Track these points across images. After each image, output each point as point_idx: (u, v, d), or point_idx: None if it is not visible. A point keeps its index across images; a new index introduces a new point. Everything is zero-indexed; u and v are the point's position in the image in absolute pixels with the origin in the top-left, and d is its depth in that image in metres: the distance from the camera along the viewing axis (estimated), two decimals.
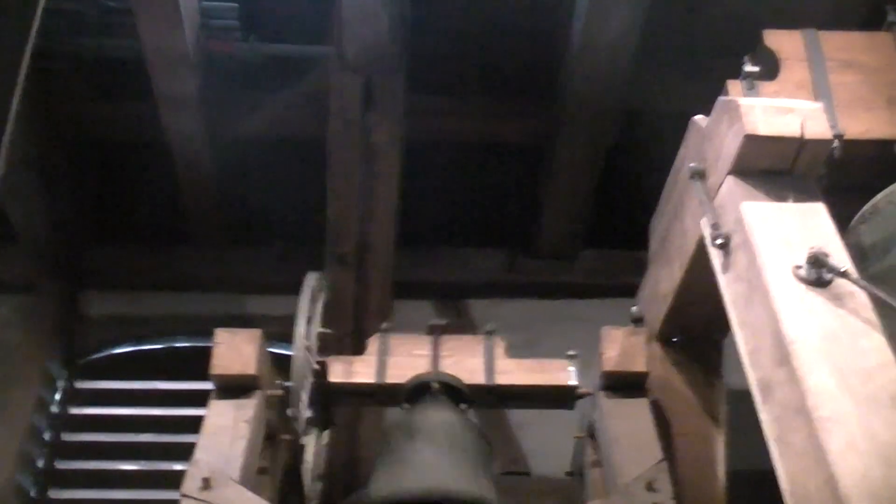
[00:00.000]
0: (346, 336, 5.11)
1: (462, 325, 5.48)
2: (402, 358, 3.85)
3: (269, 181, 5.89)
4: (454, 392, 3.75)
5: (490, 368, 3.81)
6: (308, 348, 3.68)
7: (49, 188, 5.61)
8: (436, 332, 3.92)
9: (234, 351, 3.56)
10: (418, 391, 3.75)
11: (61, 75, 5.43)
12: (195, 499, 3.11)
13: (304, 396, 3.65)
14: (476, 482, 3.37)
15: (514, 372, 3.83)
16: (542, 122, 5.66)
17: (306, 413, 3.70)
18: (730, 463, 3.57)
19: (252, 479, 3.40)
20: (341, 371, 3.82)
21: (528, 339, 5.23)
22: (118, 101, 5.61)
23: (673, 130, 3.83)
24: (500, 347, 3.89)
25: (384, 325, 3.98)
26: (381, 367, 3.81)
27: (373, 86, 5.15)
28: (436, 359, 3.83)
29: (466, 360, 3.84)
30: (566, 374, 3.80)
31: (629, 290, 4.52)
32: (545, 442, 5.38)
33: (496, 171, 6.08)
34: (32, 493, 5.43)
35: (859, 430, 2.18)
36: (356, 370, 3.83)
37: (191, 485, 3.15)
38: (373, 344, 3.90)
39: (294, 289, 3.99)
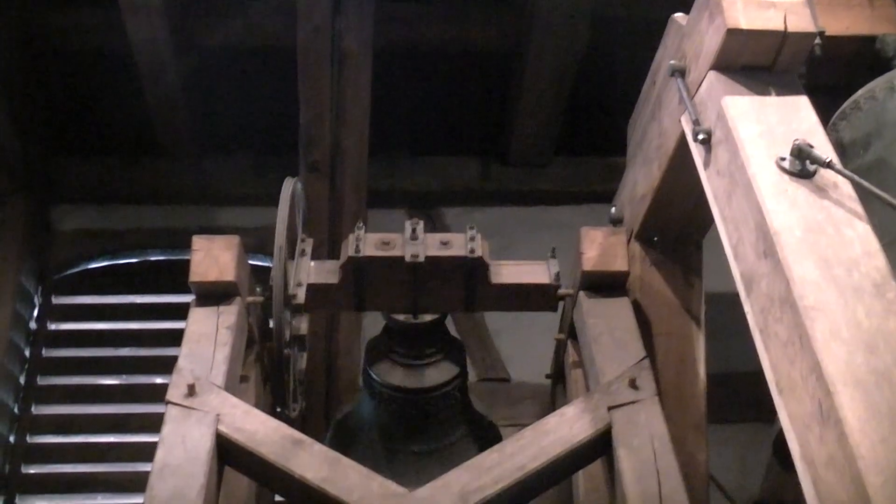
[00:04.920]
0: (321, 244, 5.08)
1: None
2: (379, 287, 3.70)
3: (239, 90, 5.81)
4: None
5: (471, 297, 3.73)
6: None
7: (13, 100, 5.48)
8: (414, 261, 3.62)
9: (212, 258, 3.53)
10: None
11: None
12: (180, 405, 3.12)
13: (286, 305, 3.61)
14: None
15: (496, 298, 3.75)
16: (514, 27, 5.59)
17: (288, 323, 3.66)
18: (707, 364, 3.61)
19: (235, 386, 3.41)
20: (319, 299, 3.71)
21: (502, 245, 5.20)
22: (81, 8, 5.45)
23: (645, 36, 3.80)
24: (482, 269, 3.68)
25: (358, 225, 3.71)
26: (360, 297, 3.71)
27: None
28: (415, 297, 3.73)
29: (445, 290, 3.72)
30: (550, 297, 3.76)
31: (602, 196, 4.54)
32: (523, 347, 5.43)
33: (468, 78, 6.01)
34: (16, 410, 5.44)
35: (843, 318, 2.20)
36: (333, 298, 3.73)
37: (175, 392, 3.16)
38: (346, 267, 3.68)
39: (268, 200, 3.94)
